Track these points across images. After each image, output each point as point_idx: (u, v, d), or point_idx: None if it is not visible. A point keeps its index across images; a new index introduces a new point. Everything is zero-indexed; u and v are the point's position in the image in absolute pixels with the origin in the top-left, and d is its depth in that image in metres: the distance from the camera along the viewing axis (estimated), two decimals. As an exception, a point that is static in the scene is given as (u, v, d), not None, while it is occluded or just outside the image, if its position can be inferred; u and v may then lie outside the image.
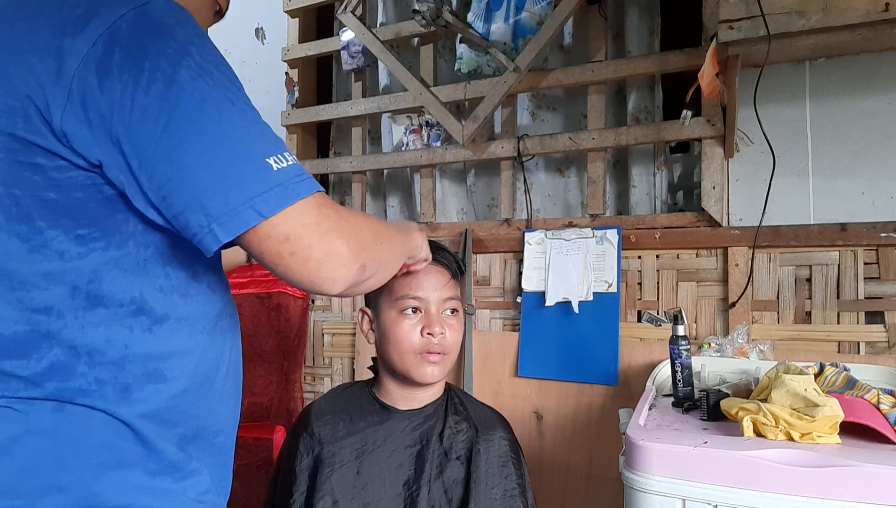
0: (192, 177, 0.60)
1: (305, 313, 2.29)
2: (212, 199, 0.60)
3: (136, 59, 0.60)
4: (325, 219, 0.64)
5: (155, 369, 0.68)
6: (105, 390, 0.65)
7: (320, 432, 1.09)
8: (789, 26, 1.25)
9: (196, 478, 0.72)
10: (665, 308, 1.74)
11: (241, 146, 0.62)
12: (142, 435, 0.67)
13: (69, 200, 0.62)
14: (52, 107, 0.59)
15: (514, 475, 1.08)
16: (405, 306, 1.08)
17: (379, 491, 1.03)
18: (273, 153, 0.63)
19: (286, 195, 0.62)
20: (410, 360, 1.07)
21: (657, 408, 1.21)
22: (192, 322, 0.72)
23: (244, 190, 0.60)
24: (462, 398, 1.18)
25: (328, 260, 0.64)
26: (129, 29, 0.61)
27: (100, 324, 0.65)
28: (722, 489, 0.88)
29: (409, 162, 2.20)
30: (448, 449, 1.07)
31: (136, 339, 0.67)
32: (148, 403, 0.68)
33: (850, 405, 0.99)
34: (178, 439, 0.71)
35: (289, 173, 0.63)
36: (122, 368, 0.66)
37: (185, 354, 0.71)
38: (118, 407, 0.66)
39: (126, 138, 0.60)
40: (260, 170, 0.61)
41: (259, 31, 2.62)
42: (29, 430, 0.63)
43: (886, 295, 1.51)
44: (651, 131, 1.79)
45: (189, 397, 0.71)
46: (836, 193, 1.59)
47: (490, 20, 1.96)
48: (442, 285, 1.10)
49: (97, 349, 0.65)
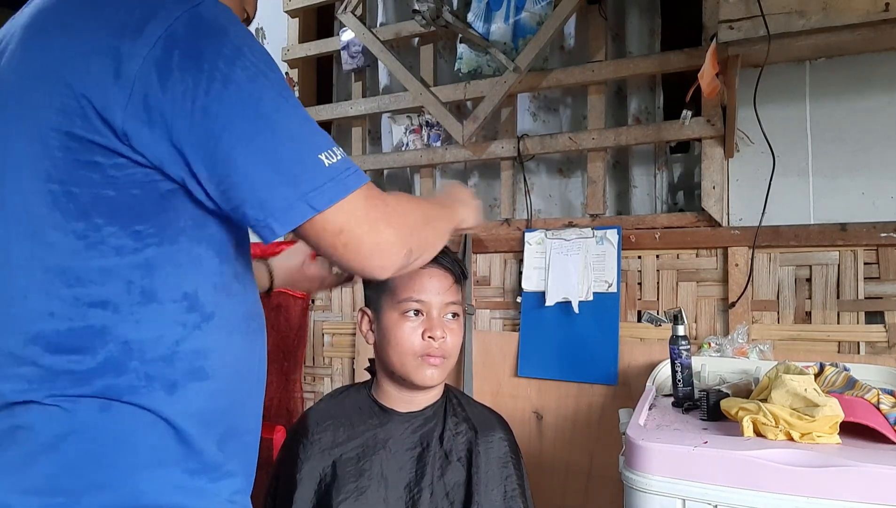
0: (251, 174, 0.63)
1: (305, 312, 2.29)
2: (269, 195, 0.64)
3: (196, 61, 0.62)
4: (374, 209, 0.69)
5: (200, 366, 0.69)
6: (153, 385, 0.66)
7: (320, 437, 1.09)
8: (789, 26, 1.24)
9: (231, 479, 0.73)
10: (665, 308, 1.74)
11: (295, 144, 0.65)
12: (184, 434, 0.68)
13: (126, 196, 0.64)
14: (113, 107, 0.61)
15: (514, 476, 1.08)
16: (407, 308, 1.07)
17: (380, 494, 1.03)
18: (324, 149, 0.67)
19: (338, 190, 0.66)
20: (411, 363, 1.07)
21: (657, 408, 1.21)
22: (232, 321, 0.73)
23: (299, 186, 0.64)
24: (461, 399, 1.18)
25: (378, 249, 0.69)
26: (186, 30, 0.63)
27: (154, 319, 0.67)
28: (722, 489, 0.88)
29: (409, 162, 2.20)
30: (448, 451, 1.07)
31: (187, 335, 0.68)
32: (191, 401, 0.69)
33: (850, 405, 0.99)
34: (217, 438, 0.71)
35: (339, 168, 0.67)
36: (171, 364, 0.67)
37: (224, 353, 0.72)
38: (164, 405, 0.67)
39: (187, 138, 0.62)
40: (313, 166, 0.65)
41: (259, 31, 2.62)
42: (75, 429, 0.64)
43: (886, 295, 1.51)
44: (651, 131, 1.79)
45: (225, 396, 0.72)
46: (836, 193, 1.59)
47: (490, 20, 1.96)
48: (445, 288, 1.10)
49: (149, 344, 0.66)
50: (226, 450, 0.72)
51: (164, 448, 0.67)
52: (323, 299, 2.31)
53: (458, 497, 1.04)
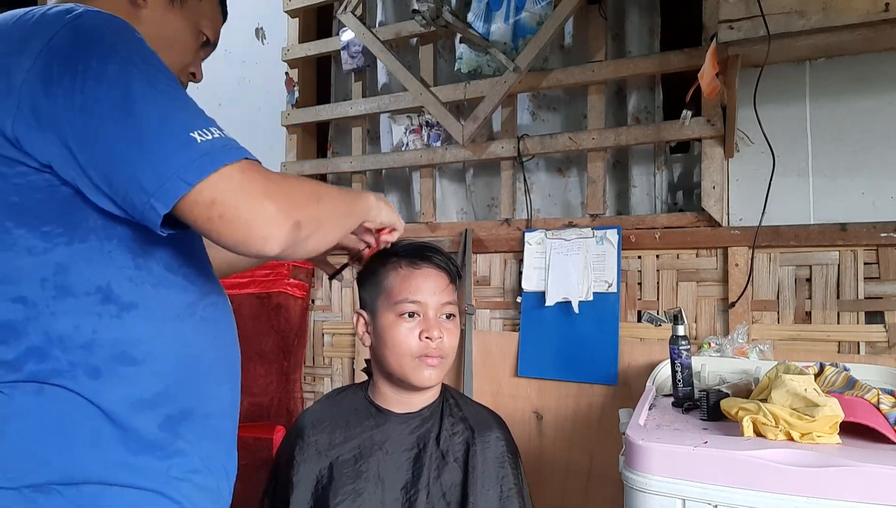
0: (127, 159, 0.66)
1: (305, 313, 2.29)
2: (146, 177, 0.65)
3: (72, 64, 0.67)
4: (252, 181, 0.68)
5: (124, 352, 0.73)
6: (76, 371, 0.71)
7: (316, 440, 1.09)
8: (789, 26, 1.25)
9: (182, 458, 0.77)
10: (665, 308, 1.74)
11: (166, 125, 0.67)
12: (115, 416, 0.72)
13: (31, 201, 0.70)
14: (4, 118, 0.67)
15: (510, 475, 1.08)
16: (403, 310, 1.07)
17: (377, 496, 1.03)
18: (198, 128, 0.68)
19: (211, 162, 0.66)
20: (408, 364, 1.07)
21: (657, 408, 1.22)
22: (165, 310, 0.77)
23: (172, 163, 0.65)
24: (458, 399, 1.18)
25: (257, 219, 0.67)
26: (65, 40, 0.68)
27: (69, 312, 0.71)
28: (722, 489, 0.88)
29: (409, 162, 2.20)
30: (445, 452, 1.07)
31: (105, 325, 0.72)
32: (117, 385, 0.73)
33: (850, 405, 0.99)
34: (162, 419, 0.75)
35: (214, 144, 0.67)
36: (90, 352, 0.72)
37: (161, 339, 0.76)
38: (89, 389, 0.71)
39: (72, 136, 0.66)
40: (186, 144, 0.66)
41: (259, 31, 2.62)
42: (15, 412, 0.70)
43: (886, 295, 1.51)
44: (651, 131, 1.79)
45: (168, 379, 0.76)
46: (836, 193, 1.59)
47: (490, 20, 1.96)
48: (440, 289, 1.10)
49: (67, 334, 0.71)
50: (174, 430, 0.76)
51: (100, 427, 0.71)
52: (323, 299, 2.31)
53: (455, 498, 1.04)
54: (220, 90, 2.67)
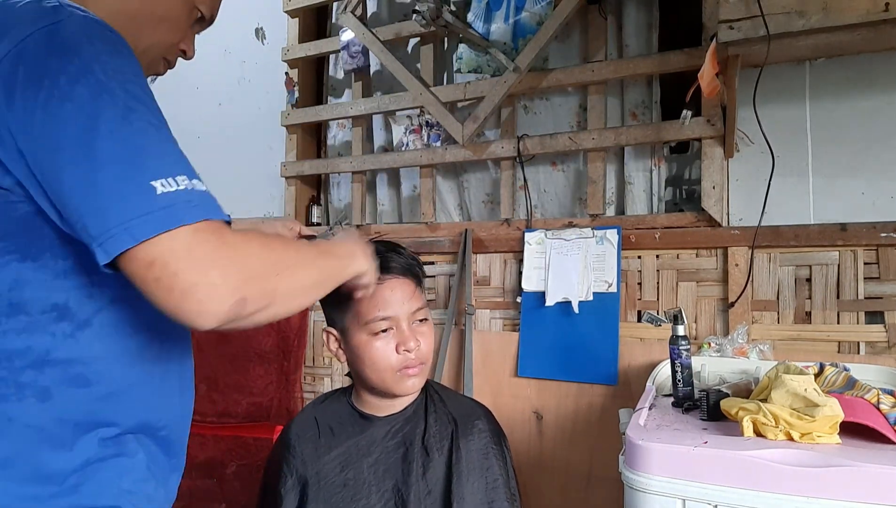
0: (77, 196, 0.60)
1: (306, 313, 2.29)
2: (91, 219, 0.59)
3: (38, 77, 0.60)
4: (202, 245, 0.60)
5: (78, 373, 0.69)
6: (24, 394, 0.67)
7: (303, 451, 1.08)
8: (789, 26, 1.25)
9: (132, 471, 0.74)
10: (665, 308, 1.74)
11: (126, 167, 0.60)
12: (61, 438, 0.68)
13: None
14: None
15: (495, 466, 1.07)
16: (376, 328, 1.04)
17: (367, 500, 1.03)
18: (162, 176, 0.61)
19: (166, 220, 0.59)
20: (390, 378, 1.05)
21: (657, 408, 1.22)
22: (121, 328, 0.73)
23: (123, 213, 0.58)
24: (441, 393, 1.17)
25: (195, 291, 0.59)
26: (36, 48, 0.62)
27: (22, 330, 0.67)
28: (722, 489, 0.88)
29: (409, 162, 2.20)
30: (430, 449, 1.06)
31: (59, 345, 0.68)
32: (68, 406, 0.69)
33: (850, 405, 0.99)
34: (112, 435, 0.72)
35: (176, 198, 0.60)
36: (41, 372, 0.67)
37: (112, 358, 0.72)
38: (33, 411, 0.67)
39: (30, 155, 0.62)
40: (143, 193, 0.59)
41: (259, 31, 2.62)
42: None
43: (886, 295, 1.51)
44: (651, 131, 1.79)
45: (122, 397, 0.73)
46: (836, 193, 1.59)
47: (490, 20, 1.96)
48: (408, 297, 1.06)
49: (18, 353, 0.67)
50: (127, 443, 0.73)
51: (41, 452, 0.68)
52: (323, 299, 2.31)
53: (440, 493, 1.03)
54: (220, 90, 2.67)
